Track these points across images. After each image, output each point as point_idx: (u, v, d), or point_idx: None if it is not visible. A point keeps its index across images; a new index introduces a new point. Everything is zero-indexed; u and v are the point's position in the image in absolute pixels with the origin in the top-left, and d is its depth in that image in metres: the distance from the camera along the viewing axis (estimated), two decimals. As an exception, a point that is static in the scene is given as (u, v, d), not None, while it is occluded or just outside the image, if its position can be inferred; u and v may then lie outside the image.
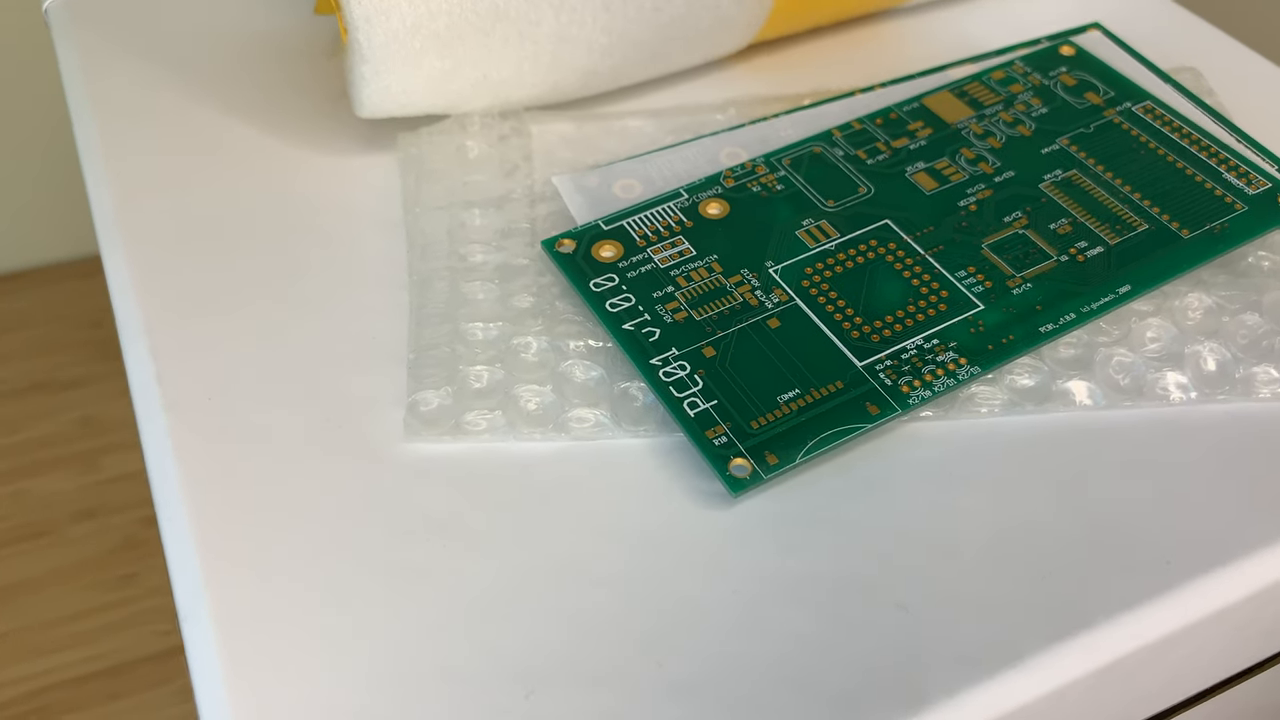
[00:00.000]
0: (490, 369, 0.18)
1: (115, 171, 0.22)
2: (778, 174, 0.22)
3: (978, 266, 0.20)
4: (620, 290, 0.19)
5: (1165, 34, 0.28)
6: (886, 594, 0.16)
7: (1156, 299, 0.20)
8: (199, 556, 0.16)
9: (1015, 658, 0.15)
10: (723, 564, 0.16)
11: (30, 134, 0.45)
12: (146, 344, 0.19)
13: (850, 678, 0.15)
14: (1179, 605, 0.16)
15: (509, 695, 0.15)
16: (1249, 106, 0.25)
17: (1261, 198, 0.21)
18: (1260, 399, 0.19)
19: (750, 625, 0.16)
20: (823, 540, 0.17)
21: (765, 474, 0.17)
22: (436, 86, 0.22)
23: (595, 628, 0.16)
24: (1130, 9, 0.29)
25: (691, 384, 0.18)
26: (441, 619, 0.16)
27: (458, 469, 0.17)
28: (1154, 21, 0.28)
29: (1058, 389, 0.19)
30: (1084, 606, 0.16)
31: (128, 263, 0.20)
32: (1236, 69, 0.26)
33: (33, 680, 0.40)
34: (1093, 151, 0.22)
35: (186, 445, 0.17)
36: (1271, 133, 0.24)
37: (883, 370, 0.18)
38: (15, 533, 0.44)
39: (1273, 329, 0.19)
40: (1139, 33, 0.27)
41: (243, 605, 0.16)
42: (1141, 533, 0.17)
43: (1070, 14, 0.28)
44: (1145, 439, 0.18)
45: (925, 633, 0.16)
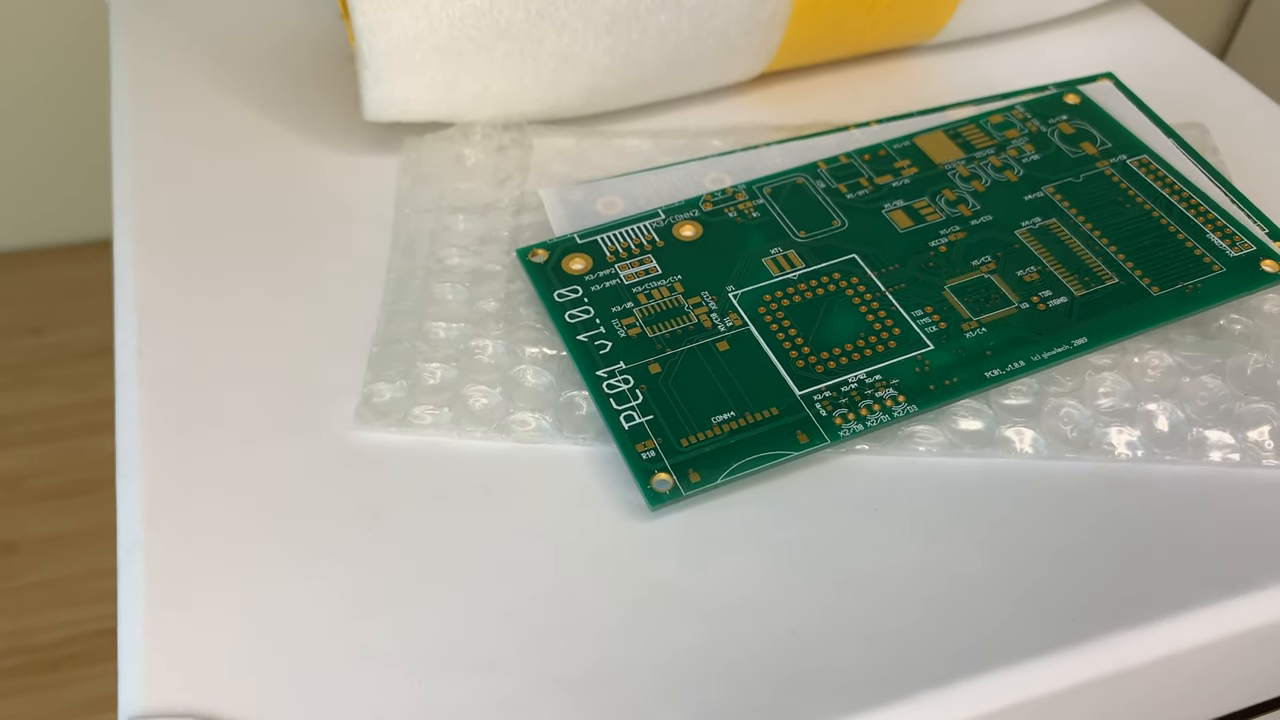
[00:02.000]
0: (445, 367, 0.19)
1: (140, 154, 0.24)
2: (756, 201, 0.22)
3: (935, 307, 0.20)
4: (581, 302, 0.20)
5: (1192, 85, 0.27)
6: (783, 618, 0.16)
7: (1116, 353, 0.20)
8: (144, 513, 0.17)
9: (895, 695, 0.15)
10: (631, 573, 0.17)
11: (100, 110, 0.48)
12: (135, 319, 0.20)
13: (724, 694, 0.15)
14: (1076, 662, 0.16)
15: (403, 677, 0.16)
16: (1263, 163, 0.25)
17: (1242, 260, 0.20)
18: (1209, 463, 0.19)
19: (641, 633, 0.16)
20: (733, 561, 0.17)
21: (685, 491, 0.17)
22: (438, 96, 0.23)
23: (495, 619, 0.16)
24: (1160, 58, 0.29)
25: (632, 398, 0.19)
26: (354, 598, 0.16)
27: (400, 459, 0.18)
28: (1184, 72, 0.28)
29: (1000, 435, 0.19)
30: (977, 653, 0.16)
31: (133, 241, 0.22)
32: (1258, 124, 0.26)
33: (69, 628, 0.43)
34: (1076, 201, 0.22)
35: (153, 412, 0.19)
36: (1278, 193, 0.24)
37: (819, 401, 0.18)
38: (67, 487, 0.46)
39: (1232, 394, 0.19)
40: (1166, 83, 0.27)
41: (176, 562, 0.17)
42: (1057, 586, 0.17)
43: (1095, 60, 0.28)
44: (1083, 493, 0.18)
45: (811, 660, 0.16)
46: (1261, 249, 0.21)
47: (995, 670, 0.16)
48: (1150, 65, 0.28)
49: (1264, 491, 0.18)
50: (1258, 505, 0.18)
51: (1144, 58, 0.29)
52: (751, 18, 0.24)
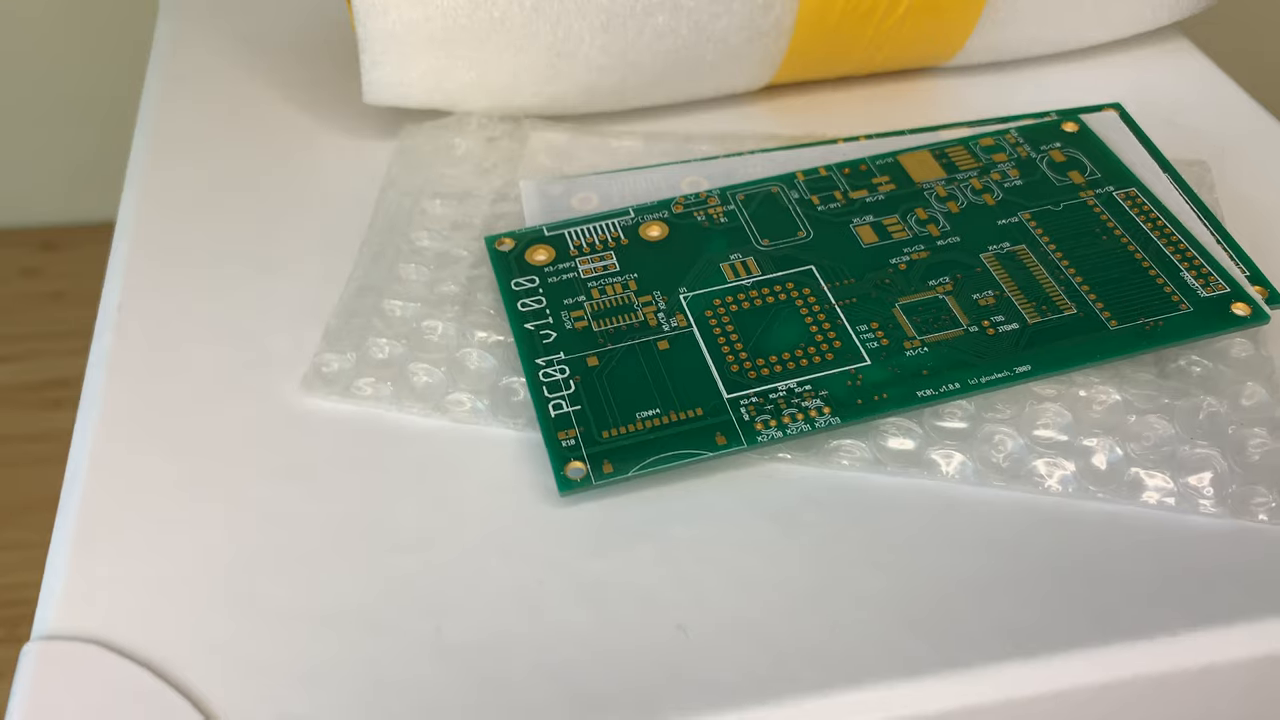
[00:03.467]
0: (394, 343, 0.20)
1: (163, 131, 0.26)
2: (727, 207, 0.22)
3: (881, 323, 0.20)
4: (535, 292, 0.21)
5: (1218, 121, 0.27)
6: (673, 613, 0.17)
7: (1063, 385, 0.19)
8: (91, 451, 0.18)
9: (765, 698, 0.16)
10: (536, 554, 0.17)
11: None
12: (121, 280, 0.22)
13: (599, 678, 0.16)
14: (953, 688, 0.16)
15: (292, 629, 0.16)
16: (1272, 206, 0.24)
17: (1212, 301, 0.20)
18: (1142, 504, 0.18)
19: (532, 612, 0.17)
20: (636, 552, 0.17)
21: (596, 480, 0.18)
22: (433, 84, 0.24)
23: (395, 585, 0.17)
24: (1191, 93, 0.28)
25: (564, 387, 0.19)
26: (267, 553, 0.17)
27: (338, 427, 0.19)
28: (1213, 108, 0.27)
29: (928, 456, 0.19)
30: (856, 665, 0.16)
31: (136, 210, 0.23)
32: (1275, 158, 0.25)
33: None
34: (1050, 230, 0.21)
35: (120, 362, 0.20)
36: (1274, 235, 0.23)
37: (745, 405, 0.19)
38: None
39: (1178, 437, 0.19)
40: (1190, 117, 0.26)
41: (112, 500, 0.18)
42: (955, 610, 0.17)
43: (1123, 90, 0.27)
44: (1004, 522, 0.18)
45: (692, 656, 0.16)
46: (1236, 291, 0.20)
47: (869, 685, 0.16)
48: (1178, 99, 0.28)
49: (1194, 539, 0.18)
50: (1184, 552, 0.18)
51: (1175, 91, 0.28)
52: (753, 25, 0.25)
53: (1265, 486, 0.18)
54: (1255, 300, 0.20)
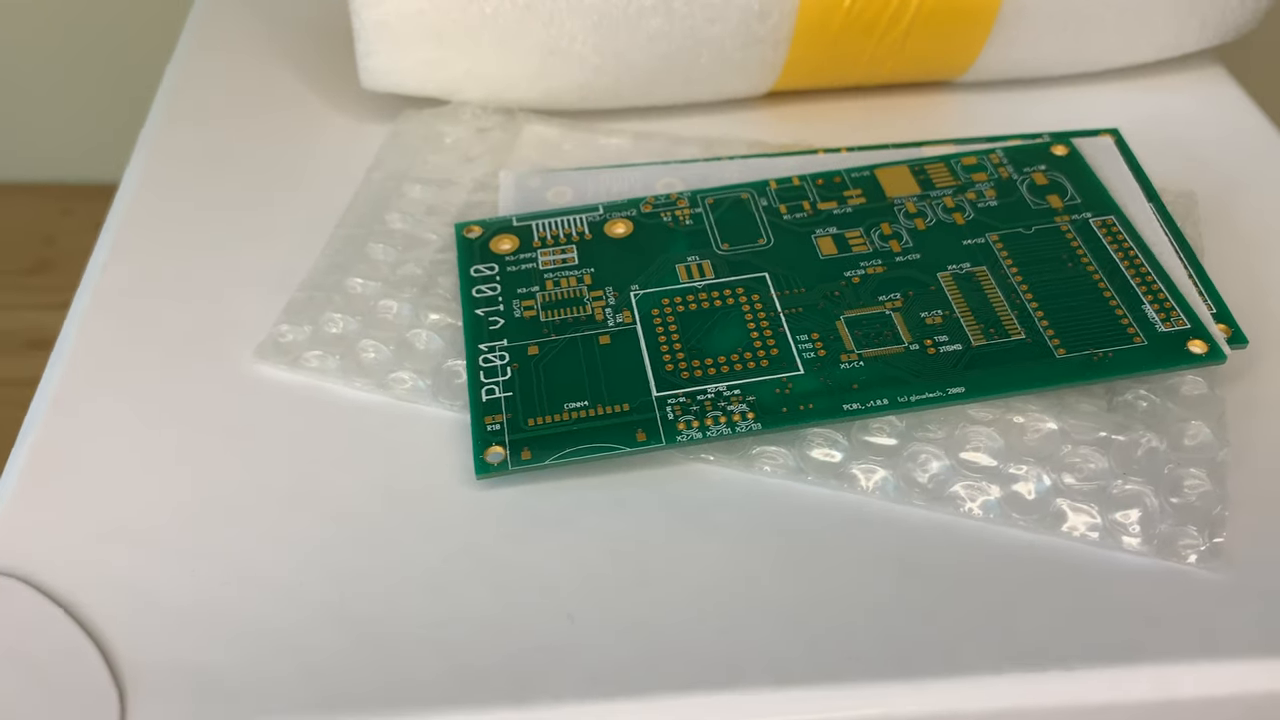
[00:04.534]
0: (348, 319, 0.21)
1: (179, 102, 0.27)
2: (694, 210, 0.22)
3: (822, 335, 0.20)
4: (492, 280, 0.21)
5: (1235, 153, 0.26)
6: (567, 601, 0.17)
7: (1000, 409, 0.19)
8: (54, 395, 0.20)
9: (633, 690, 0.16)
10: (450, 534, 0.18)
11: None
12: (112, 239, 0.23)
13: (483, 657, 0.16)
14: (830, 699, 0.16)
15: (211, 586, 0.17)
16: (1261, 244, 0.23)
17: (1168, 337, 0.19)
18: (1064, 536, 0.18)
19: (434, 589, 0.17)
20: (547, 540, 0.18)
21: (512, 466, 0.18)
22: (427, 73, 0.24)
23: (308, 550, 0.17)
24: (1213, 122, 0.27)
25: (501, 374, 0.20)
26: (198, 508, 0.18)
27: (283, 394, 0.20)
28: (1231, 139, 0.26)
29: (849, 470, 0.19)
30: (727, 667, 0.16)
31: (139, 177, 0.24)
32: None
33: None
34: (1015, 253, 0.21)
35: (94, 318, 0.21)
36: (1264, 272, 0.22)
37: (671, 404, 0.19)
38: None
39: (1111, 471, 0.18)
40: (1206, 149, 0.26)
41: (64, 443, 0.19)
42: (849, 623, 0.17)
43: (1139, 114, 0.27)
44: (917, 541, 0.18)
45: (576, 643, 0.16)
46: (1196, 328, 0.19)
47: (747, 689, 0.16)
48: (1200, 129, 0.27)
49: (1113, 576, 0.17)
50: (1100, 588, 0.17)
51: (1198, 120, 0.27)
52: (750, 32, 0.25)
53: (1196, 528, 0.18)
54: (1215, 339, 0.19)
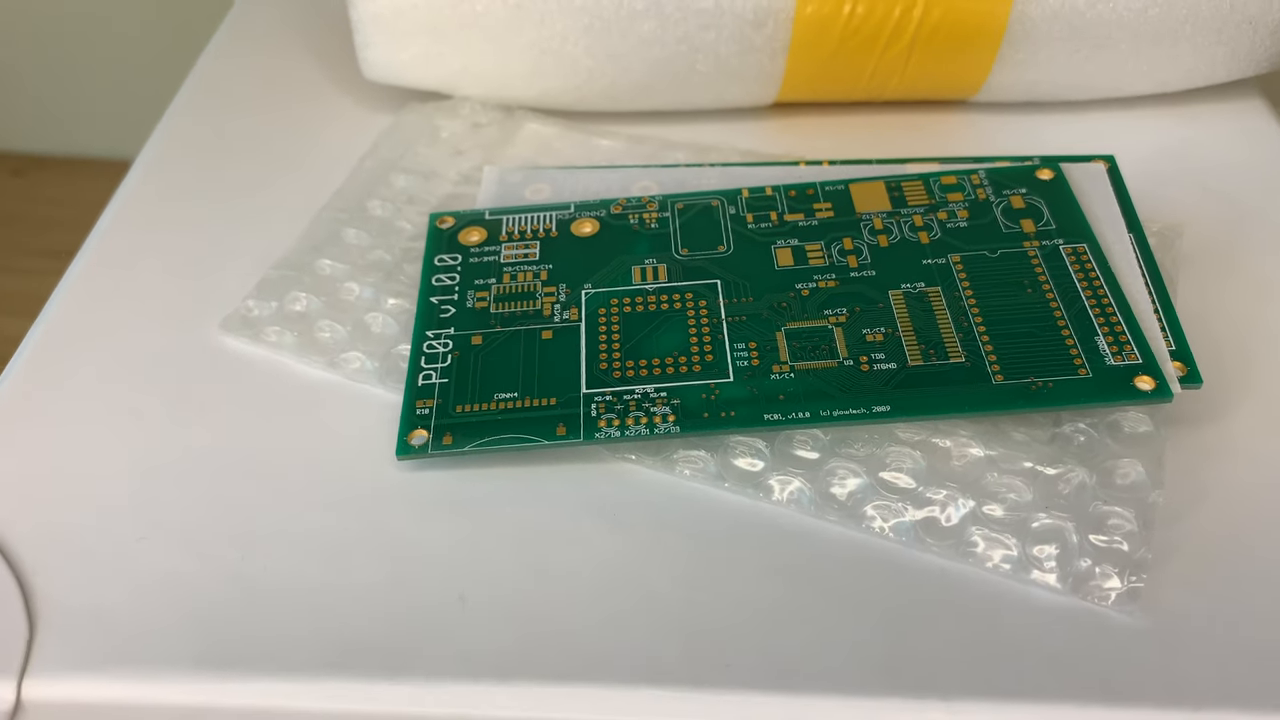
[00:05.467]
0: (312, 298, 0.22)
1: (206, 83, 0.28)
2: (663, 214, 0.22)
3: (760, 344, 0.20)
4: (453, 270, 0.22)
5: (1258, 182, 0.25)
6: (461, 584, 0.17)
7: (928, 431, 0.19)
8: (28, 357, 0.21)
9: (507, 675, 0.16)
10: (365, 511, 0.18)
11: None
12: (116, 209, 0.24)
13: (367, 629, 0.17)
14: (694, 705, 0.16)
15: (130, 533, 0.18)
16: (1249, 283, 0.22)
17: (1115, 371, 0.19)
18: (975, 564, 0.17)
19: (337, 558, 0.18)
20: (455, 524, 0.18)
21: (432, 450, 0.19)
22: (424, 68, 0.25)
23: (224, 512, 0.18)
24: (1238, 149, 0.26)
25: (441, 360, 0.20)
26: (129, 463, 0.19)
27: (239, 365, 0.21)
28: (1259, 169, 0.25)
29: (768, 480, 0.18)
30: (604, 663, 0.16)
31: (156, 153, 0.26)
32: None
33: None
34: (974, 275, 0.20)
35: (83, 281, 0.22)
36: (1247, 310, 0.21)
37: (597, 402, 0.19)
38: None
39: (1035, 504, 0.18)
40: (1227, 177, 0.25)
41: (34, 394, 0.20)
42: (733, 630, 0.17)
43: (1163, 142, 0.26)
44: (823, 556, 0.18)
45: (462, 624, 0.17)
46: (1148, 364, 0.19)
47: (612, 685, 0.16)
48: (1225, 160, 0.26)
49: (1019, 609, 0.17)
50: (1002, 621, 0.17)
51: (1224, 151, 0.26)
52: (745, 40, 0.25)
53: (1116, 570, 0.17)
54: (1165, 376, 0.18)
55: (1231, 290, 0.22)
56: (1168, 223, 0.23)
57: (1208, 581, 0.17)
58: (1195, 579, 0.17)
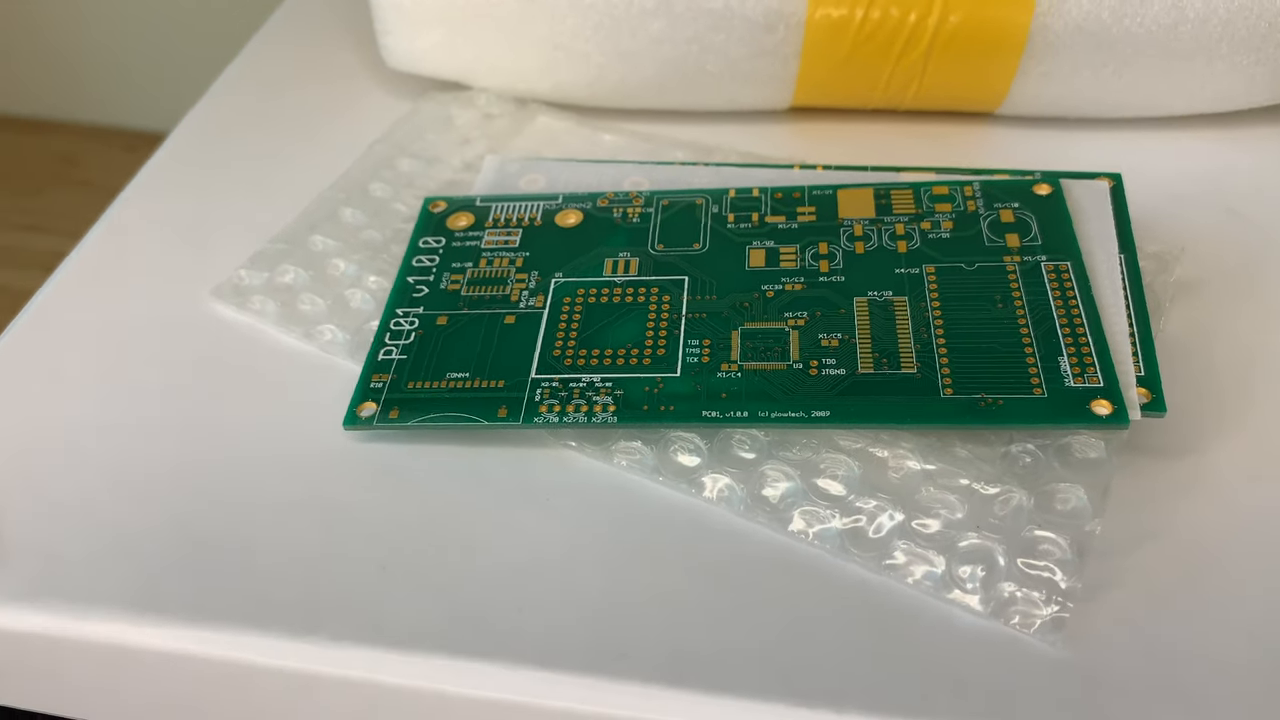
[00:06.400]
0: (299, 271, 0.22)
1: (253, 68, 0.29)
2: (647, 209, 0.23)
3: (714, 342, 0.20)
4: (435, 253, 0.22)
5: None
6: (385, 554, 0.18)
7: (868, 440, 0.18)
8: (35, 309, 0.22)
9: (404, 645, 0.16)
10: (308, 475, 0.19)
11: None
12: (142, 178, 0.25)
13: (284, 588, 0.17)
14: (578, 691, 0.16)
15: (92, 482, 0.19)
16: (1246, 313, 0.21)
17: (1071, 393, 0.18)
18: (898, 578, 0.17)
19: (269, 520, 0.18)
20: (391, 494, 0.19)
21: (376, 423, 0.19)
22: (441, 57, 0.26)
23: (181, 466, 0.19)
24: (1276, 175, 0.25)
25: (404, 338, 0.21)
26: (104, 414, 0.20)
27: (225, 332, 0.22)
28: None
29: (701, 477, 0.18)
30: (501, 644, 0.16)
31: (190, 128, 0.27)
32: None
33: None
34: (946, 287, 0.20)
35: (95, 244, 0.24)
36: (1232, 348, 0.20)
37: (543, 387, 0.19)
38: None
39: (965, 523, 0.17)
40: (1258, 204, 0.24)
41: (32, 346, 0.21)
42: (642, 621, 0.17)
43: (1192, 165, 0.25)
44: (748, 557, 0.17)
45: (377, 593, 0.17)
46: (1109, 388, 0.18)
47: (508, 664, 0.16)
48: (1259, 186, 0.25)
49: (936, 629, 0.16)
50: (914, 639, 0.16)
51: (1260, 177, 0.25)
52: (756, 42, 0.25)
53: (1039, 596, 0.16)
54: (1124, 402, 0.18)
55: (1240, 319, 0.21)
56: (1167, 245, 0.22)
57: (1144, 620, 0.16)
58: (1131, 616, 0.16)
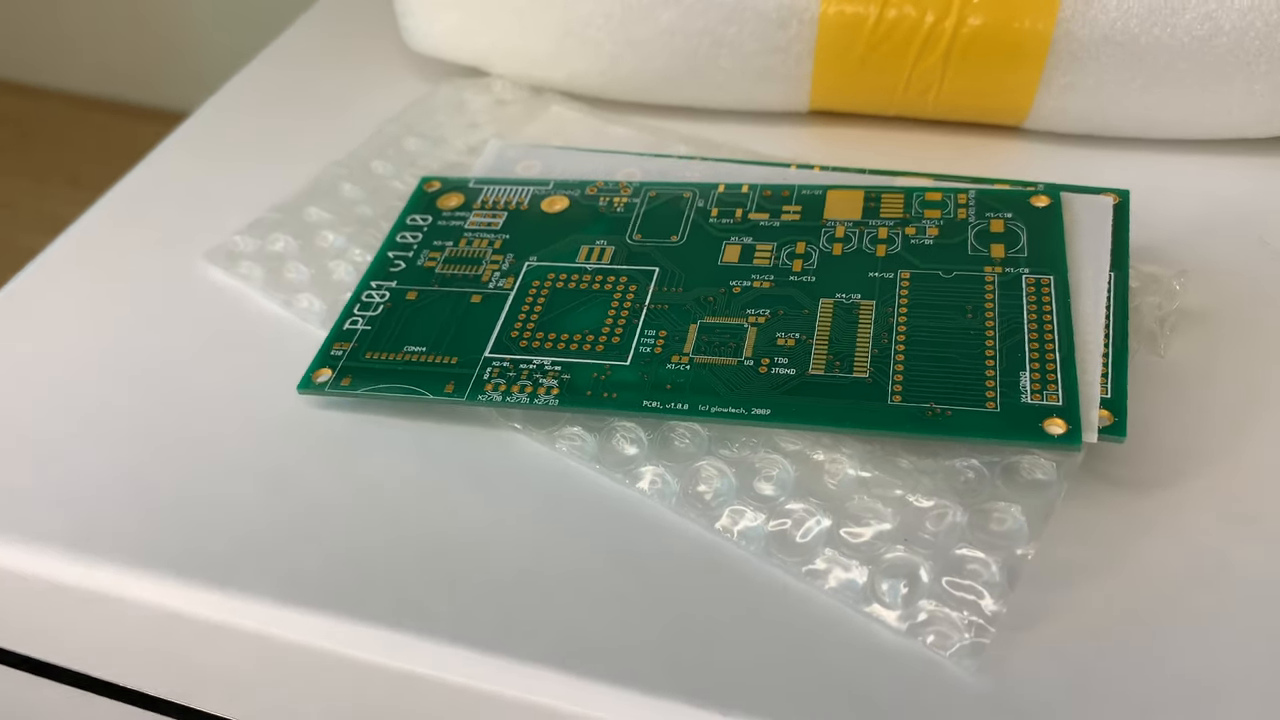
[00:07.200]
0: (290, 240, 0.23)
1: (291, 47, 0.30)
2: (633, 199, 0.22)
3: (670, 334, 0.19)
4: (420, 229, 0.22)
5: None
6: (313, 515, 0.18)
7: (808, 443, 0.18)
8: (39, 264, 0.23)
9: (311, 605, 0.16)
10: (260, 433, 0.19)
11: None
12: (167, 145, 0.26)
13: (211, 540, 0.17)
14: (461, 663, 0.16)
15: (63, 427, 0.20)
16: (1240, 344, 0.20)
17: (1025, 409, 0.17)
18: (818, 587, 0.16)
19: (215, 471, 0.19)
20: (331, 459, 0.19)
21: (328, 389, 0.19)
22: (458, 40, 0.26)
23: (145, 420, 0.20)
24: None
25: (373, 309, 0.21)
26: (85, 362, 0.21)
27: (213, 293, 0.22)
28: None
29: (638, 468, 0.18)
30: (404, 612, 0.16)
31: (219, 101, 0.28)
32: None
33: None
34: (918, 294, 0.19)
35: (107, 205, 0.25)
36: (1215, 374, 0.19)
37: (493, 366, 0.19)
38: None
39: (893, 535, 0.16)
40: None
41: (32, 298, 0.22)
42: (548, 604, 0.16)
43: (1228, 191, 0.23)
44: (666, 551, 0.17)
45: (296, 551, 0.17)
46: (1067, 408, 0.17)
47: (403, 631, 0.16)
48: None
49: (849, 641, 0.16)
50: (824, 648, 0.16)
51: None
52: (768, 38, 0.24)
53: (959, 617, 0.15)
54: (1080, 422, 0.17)
55: (1253, 355, 0.20)
56: (1171, 269, 0.20)
57: (1076, 656, 0.15)
58: (1063, 650, 0.16)
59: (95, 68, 0.77)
